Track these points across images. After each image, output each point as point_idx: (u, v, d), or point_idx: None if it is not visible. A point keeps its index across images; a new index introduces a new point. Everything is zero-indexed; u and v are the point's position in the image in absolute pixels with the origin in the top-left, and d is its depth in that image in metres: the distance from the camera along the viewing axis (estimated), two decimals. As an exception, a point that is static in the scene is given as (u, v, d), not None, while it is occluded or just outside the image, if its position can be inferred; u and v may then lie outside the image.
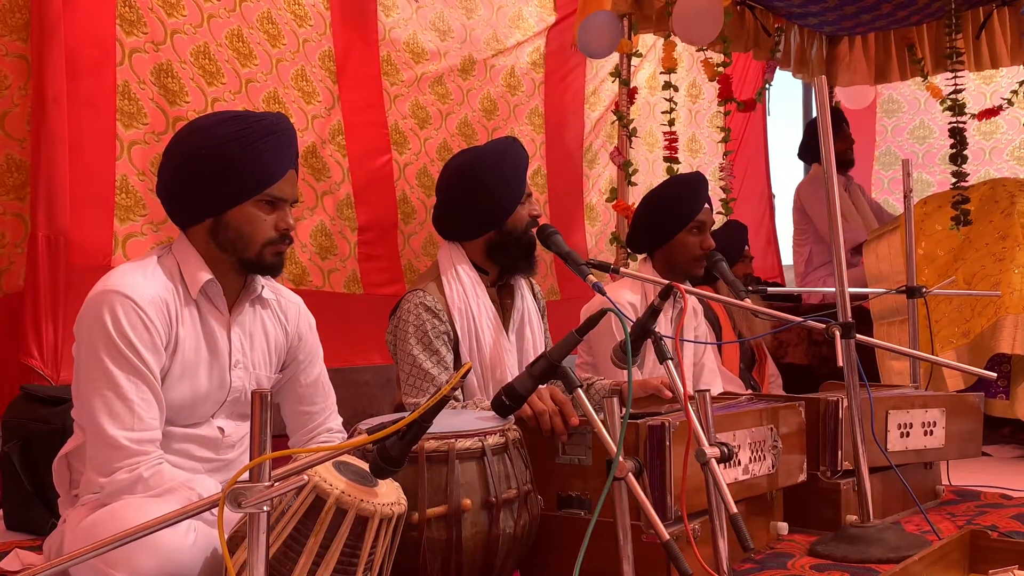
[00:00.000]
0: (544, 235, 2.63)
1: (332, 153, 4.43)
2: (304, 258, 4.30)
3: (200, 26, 3.89)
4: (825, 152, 2.48)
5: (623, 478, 1.69)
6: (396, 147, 4.74)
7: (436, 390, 2.49)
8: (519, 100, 5.47)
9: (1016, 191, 4.22)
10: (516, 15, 5.45)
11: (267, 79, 4.16)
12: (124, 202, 3.58)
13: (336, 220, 4.43)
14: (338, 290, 4.44)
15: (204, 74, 3.89)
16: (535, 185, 5.53)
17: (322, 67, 4.41)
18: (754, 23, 5.16)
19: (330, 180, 4.40)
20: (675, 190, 3.25)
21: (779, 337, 4.97)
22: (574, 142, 5.80)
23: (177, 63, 3.78)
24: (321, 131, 4.38)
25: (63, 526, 1.95)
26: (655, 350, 2.04)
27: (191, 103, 3.81)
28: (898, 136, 7.33)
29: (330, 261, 4.43)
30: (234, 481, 1.22)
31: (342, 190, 4.46)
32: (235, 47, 4.02)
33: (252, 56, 4.09)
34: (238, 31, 4.05)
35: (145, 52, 3.66)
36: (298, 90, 4.29)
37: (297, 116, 4.27)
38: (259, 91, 4.11)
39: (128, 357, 1.87)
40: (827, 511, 2.54)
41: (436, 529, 1.84)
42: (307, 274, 4.30)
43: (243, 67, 4.05)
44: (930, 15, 5.32)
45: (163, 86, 3.72)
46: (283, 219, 2.03)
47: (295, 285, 4.18)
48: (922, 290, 3.20)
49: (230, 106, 3.96)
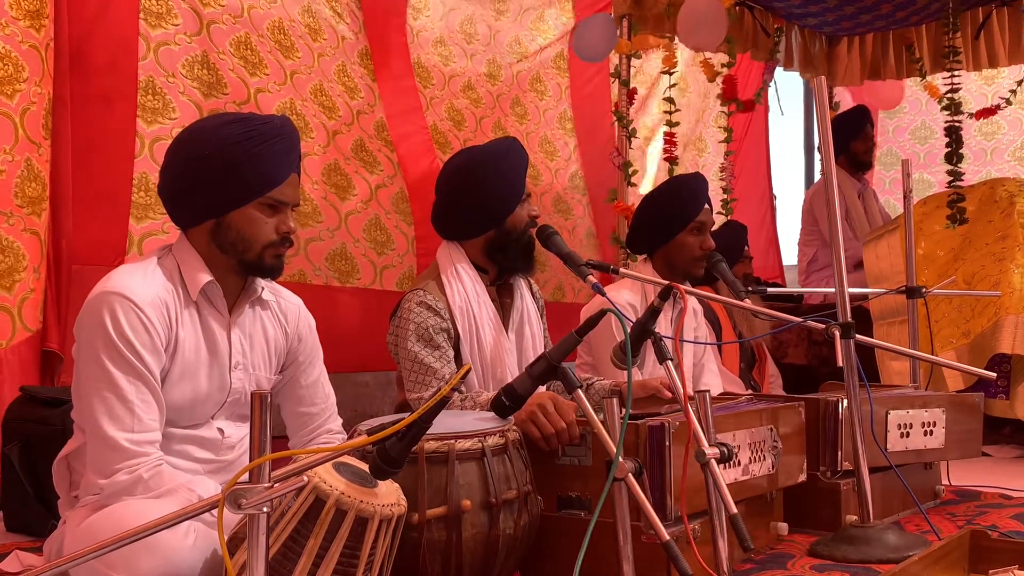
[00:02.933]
0: (544, 236, 2.63)
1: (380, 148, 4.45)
2: (357, 252, 4.30)
3: (240, 16, 3.87)
4: (825, 152, 2.48)
5: (623, 479, 1.69)
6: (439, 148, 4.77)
7: (439, 383, 2.49)
8: (547, 105, 5.46)
9: (1016, 191, 4.22)
10: (538, 18, 5.46)
11: (311, 72, 4.15)
12: (142, 200, 3.52)
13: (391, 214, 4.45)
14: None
15: (246, 64, 3.85)
16: (574, 188, 5.54)
17: (361, 64, 4.42)
18: (753, 23, 5.16)
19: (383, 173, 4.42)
20: (675, 191, 3.25)
21: (779, 337, 4.97)
22: (607, 144, 5.81)
23: (215, 54, 3.72)
24: (367, 126, 4.39)
25: (63, 527, 1.95)
26: (655, 350, 2.04)
27: (230, 94, 3.76)
28: (899, 136, 7.34)
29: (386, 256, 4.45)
30: (234, 482, 1.22)
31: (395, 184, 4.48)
32: (277, 39, 4.01)
33: (294, 49, 4.08)
34: (279, 23, 4.05)
35: (176, 44, 3.62)
36: (341, 84, 4.30)
37: (343, 110, 4.27)
38: (305, 83, 4.12)
39: (128, 358, 1.87)
40: (827, 511, 2.54)
41: (436, 530, 1.84)
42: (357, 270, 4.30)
43: (286, 59, 4.04)
44: (929, 15, 5.32)
45: (197, 78, 3.67)
46: (284, 222, 2.03)
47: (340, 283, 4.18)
48: (922, 290, 3.20)
49: (275, 97, 3.95)
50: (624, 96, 4.79)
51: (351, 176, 4.26)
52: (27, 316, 3.17)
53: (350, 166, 4.27)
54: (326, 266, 4.15)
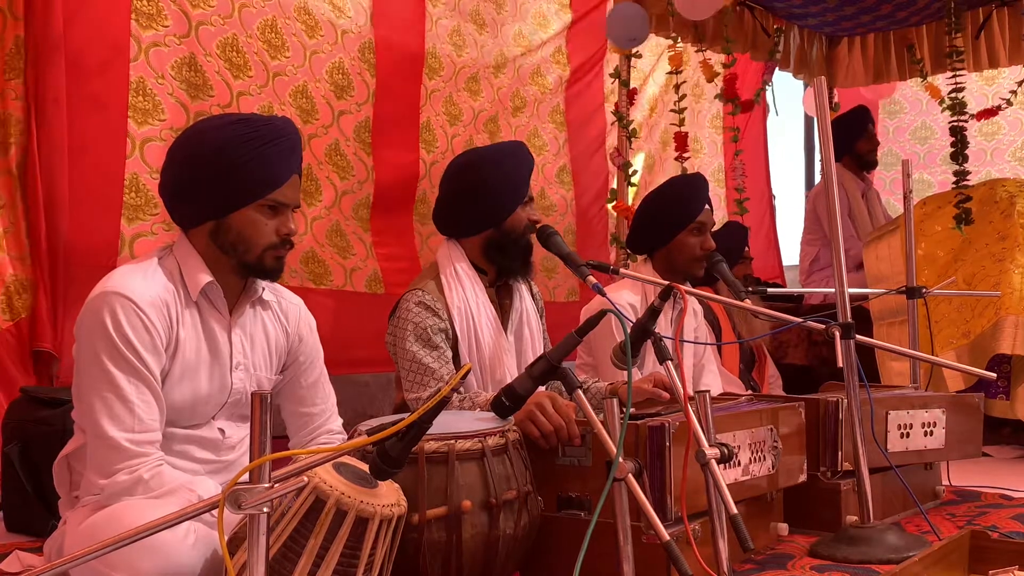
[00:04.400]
0: (543, 236, 2.63)
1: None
2: (325, 256, 4.30)
3: (229, 17, 3.86)
4: (824, 152, 2.48)
5: (623, 479, 1.69)
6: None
7: (437, 384, 2.49)
8: (545, 98, 5.47)
9: (1016, 192, 4.22)
10: (538, 13, 5.47)
11: (297, 72, 4.15)
12: (133, 201, 3.53)
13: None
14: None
15: (231, 67, 3.85)
16: (561, 184, 5.55)
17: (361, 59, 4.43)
18: (753, 24, 5.16)
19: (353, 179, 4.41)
20: (675, 191, 3.26)
21: (779, 338, 4.97)
22: (597, 139, 5.83)
23: (202, 56, 3.73)
24: (346, 128, 4.40)
25: (63, 527, 1.95)
26: (655, 351, 2.04)
27: (215, 97, 3.77)
28: (900, 137, 7.34)
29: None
30: (234, 482, 1.22)
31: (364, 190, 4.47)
32: (267, 38, 4.02)
33: (284, 48, 4.09)
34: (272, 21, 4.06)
35: (166, 46, 3.63)
36: (330, 83, 4.31)
37: (323, 112, 4.27)
38: (286, 86, 4.11)
39: (128, 358, 1.87)
40: (827, 512, 2.54)
41: (436, 530, 1.84)
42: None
43: (272, 60, 4.04)
44: (930, 16, 5.32)
45: (185, 80, 3.68)
46: (285, 224, 2.03)
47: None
48: (922, 290, 3.20)
49: (255, 100, 3.96)
50: (624, 96, 4.78)
51: (321, 181, 4.29)
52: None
53: (322, 171, 4.29)
54: (301, 268, 4.18)
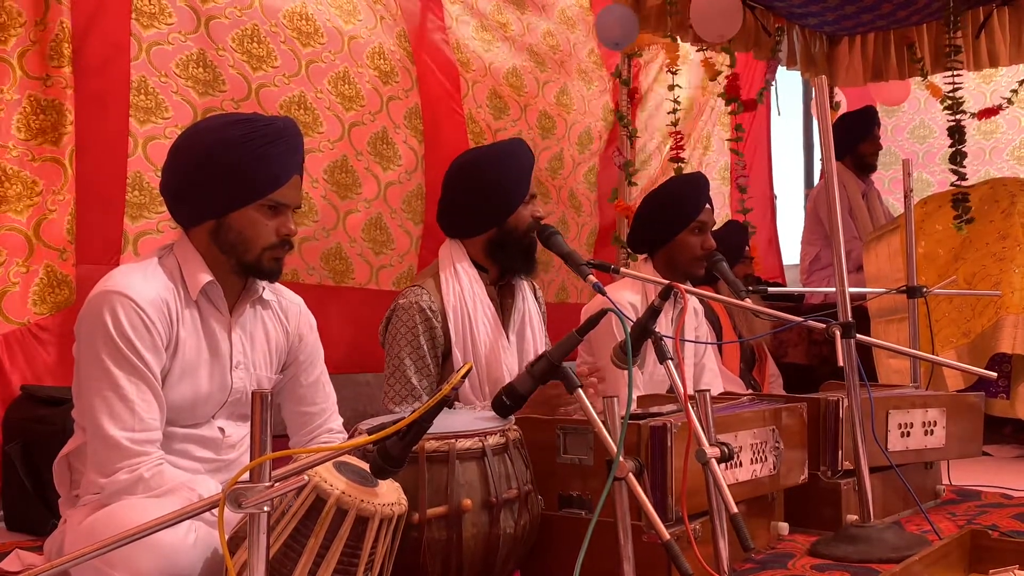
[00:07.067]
0: (544, 235, 2.63)
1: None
2: (353, 252, 4.30)
3: (249, 8, 3.85)
4: (825, 151, 2.48)
5: (623, 478, 1.69)
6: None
7: (415, 403, 2.50)
8: (593, 95, 5.48)
9: (1016, 191, 4.22)
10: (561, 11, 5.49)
11: (336, 59, 4.16)
12: (137, 200, 3.53)
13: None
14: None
15: (250, 59, 3.83)
16: (588, 184, 5.57)
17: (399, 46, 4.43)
18: (754, 23, 5.15)
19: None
20: (676, 190, 3.25)
21: (779, 337, 4.97)
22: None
23: (212, 50, 3.71)
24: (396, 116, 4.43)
25: (64, 526, 1.95)
26: (655, 350, 2.04)
27: (228, 91, 3.76)
28: (898, 136, 7.33)
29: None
30: (234, 481, 1.22)
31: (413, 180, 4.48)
32: (296, 26, 4.01)
33: (317, 35, 4.08)
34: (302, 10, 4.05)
35: (170, 44, 3.62)
36: (374, 68, 4.32)
37: (369, 98, 4.29)
38: (324, 73, 4.12)
39: (129, 357, 1.87)
40: (827, 511, 2.54)
41: (437, 529, 1.84)
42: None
43: (304, 47, 4.03)
44: (930, 15, 5.31)
45: (192, 76, 3.67)
46: (285, 224, 2.03)
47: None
48: (922, 290, 3.20)
49: (281, 92, 3.96)
50: (625, 96, 4.78)
51: (359, 173, 4.26)
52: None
53: (361, 162, 4.28)
54: (321, 265, 4.16)
